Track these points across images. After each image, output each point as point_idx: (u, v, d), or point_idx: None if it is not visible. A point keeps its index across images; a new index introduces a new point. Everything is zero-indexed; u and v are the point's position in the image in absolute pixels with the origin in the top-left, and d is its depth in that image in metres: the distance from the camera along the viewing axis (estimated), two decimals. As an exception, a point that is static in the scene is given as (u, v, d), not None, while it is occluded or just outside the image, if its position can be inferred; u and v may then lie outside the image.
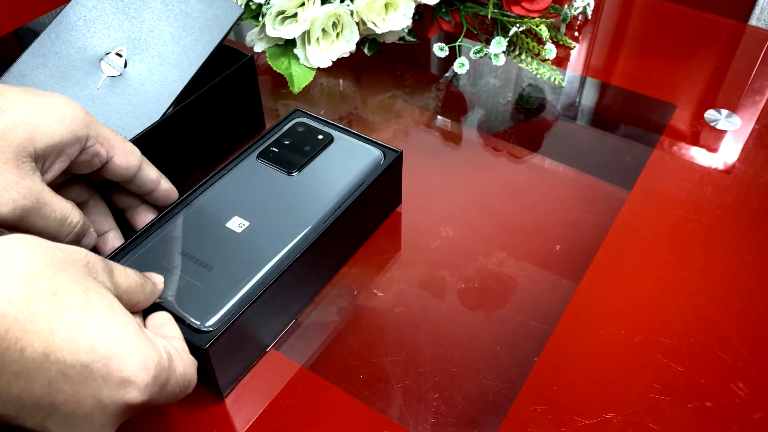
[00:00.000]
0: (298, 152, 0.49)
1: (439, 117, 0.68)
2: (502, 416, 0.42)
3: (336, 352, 0.45)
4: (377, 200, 0.50)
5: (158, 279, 0.38)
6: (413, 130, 0.66)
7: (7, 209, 0.34)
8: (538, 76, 0.68)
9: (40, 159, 0.36)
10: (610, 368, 0.44)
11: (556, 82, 0.66)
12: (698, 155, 0.62)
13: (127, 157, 0.42)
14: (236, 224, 0.44)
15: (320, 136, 0.51)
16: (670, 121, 0.66)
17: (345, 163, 0.48)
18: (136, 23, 0.54)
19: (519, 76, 0.74)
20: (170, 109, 0.53)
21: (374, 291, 0.49)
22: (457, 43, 0.70)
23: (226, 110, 0.58)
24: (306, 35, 0.66)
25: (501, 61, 0.67)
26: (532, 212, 0.56)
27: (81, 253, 0.30)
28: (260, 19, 0.66)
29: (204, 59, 0.56)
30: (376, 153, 0.50)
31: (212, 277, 0.40)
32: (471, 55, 0.69)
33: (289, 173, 0.48)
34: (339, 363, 0.44)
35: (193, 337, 0.37)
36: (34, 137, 0.36)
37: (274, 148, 0.50)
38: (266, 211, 0.45)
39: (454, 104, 0.70)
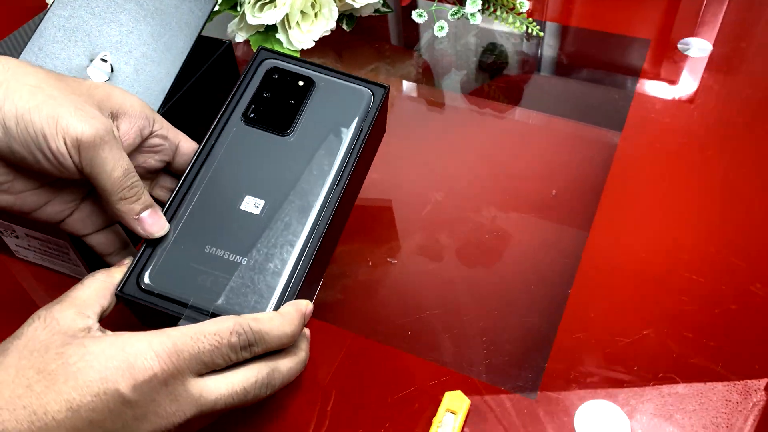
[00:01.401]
0: (283, 106, 0.45)
1: (422, 84, 0.70)
2: (548, 348, 0.44)
3: (378, 316, 0.47)
4: (374, 140, 0.47)
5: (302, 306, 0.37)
6: (398, 100, 0.68)
7: (90, 131, 0.34)
8: (515, 30, 0.70)
9: (115, 119, 0.37)
10: (639, 290, 0.47)
11: (534, 32, 0.68)
12: (679, 84, 0.65)
13: (190, 143, 0.42)
14: (252, 205, 0.41)
15: (300, 83, 0.46)
16: (647, 55, 0.69)
17: (337, 110, 0.45)
18: (114, 27, 0.54)
19: (494, 34, 0.76)
20: (160, 108, 0.53)
21: (388, 259, 0.51)
22: (433, 8, 0.71)
23: (211, 101, 0.58)
24: (286, 19, 0.66)
25: (478, 19, 0.69)
26: (533, 163, 0.59)
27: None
28: (238, 8, 0.67)
29: (187, 53, 0.56)
30: (365, 93, 0.46)
31: (250, 269, 0.39)
32: (449, 17, 0.70)
33: (283, 134, 0.44)
34: (384, 325, 0.46)
35: None
36: (111, 97, 0.37)
37: (255, 106, 0.45)
38: (276, 183, 0.42)
39: (436, 69, 0.72)
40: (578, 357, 0.44)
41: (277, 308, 0.37)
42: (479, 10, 0.69)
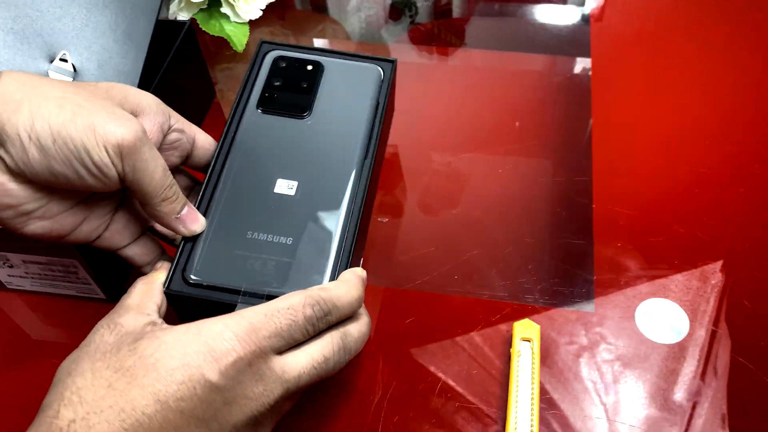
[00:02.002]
0: (297, 91, 0.45)
1: (373, 42, 0.69)
2: (591, 261, 0.46)
3: (419, 267, 0.47)
4: (389, 112, 0.48)
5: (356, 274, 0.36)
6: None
7: (130, 134, 0.31)
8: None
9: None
10: (654, 191, 0.50)
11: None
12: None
13: (206, 136, 0.40)
14: (285, 187, 0.41)
15: (309, 67, 0.46)
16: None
17: (350, 89, 0.46)
18: (67, 22, 0.49)
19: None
20: None
21: (378, 219, 0.51)
22: (373, -42, 0.70)
23: (181, 86, 0.55)
24: (230, -10, 0.63)
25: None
26: (516, 102, 0.60)
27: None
28: (176, -14, 0.62)
29: (149, 39, 0.52)
30: (375, 69, 0.47)
31: (297, 248, 0.38)
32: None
33: (302, 117, 0.44)
34: (429, 274, 0.46)
35: None
36: (129, 96, 0.35)
37: (269, 95, 0.45)
38: (304, 164, 0.42)
39: (378, 23, 0.71)
40: (620, 263, 0.46)
41: (331, 281, 0.36)
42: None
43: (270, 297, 0.35)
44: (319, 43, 0.70)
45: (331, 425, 0.39)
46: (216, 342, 0.30)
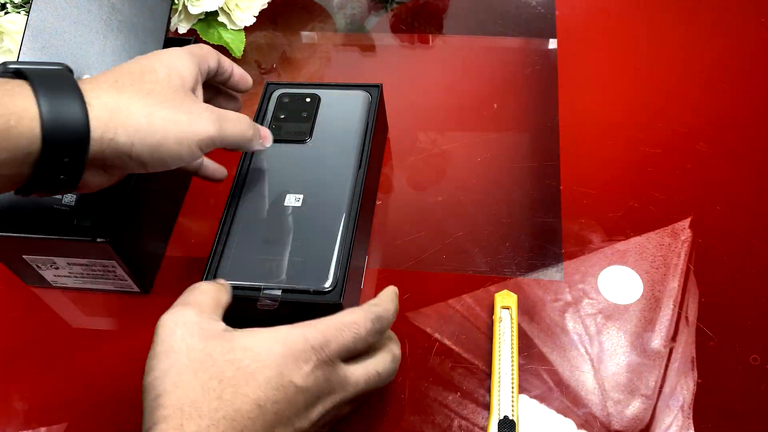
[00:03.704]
0: (298, 120, 0.53)
1: (356, 33, 0.75)
2: (560, 237, 0.53)
3: (411, 249, 0.54)
4: (380, 131, 0.56)
5: None
6: (333, 53, 0.73)
7: (213, 127, 0.39)
8: (434, -34, 0.75)
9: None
10: (613, 172, 0.57)
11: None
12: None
13: (240, 69, 0.48)
14: (293, 200, 0.48)
15: (308, 99, 0.54)
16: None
17: (344, 113, 0.53)
18: (87, 48, 0.55)
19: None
20: None
21: (407, 195, 0.58)
22: (354, -39, 0.75)
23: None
24: (226, 3, 0.68)
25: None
26: (491, 88, 0.66)
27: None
28: (176, 1, 0.68)
29: (158, 56, 0.58)
30: (363, 94, 0.55)
31: (306, 247, 0.45)
32: (373, -33, 0.74)
33: (304, 141, 0.52)
34: (420, 256, 0.53)
35: (323, 299, 0.43)
36: (184, 74, 0.40)
37: (276, 126, 0.53)
38: (309, 179, 0.49)
39: (368, 15, 0.77)
40: (585, 237, 0.53)
41: (336, 275, 0.44)
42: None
43: (284, 290, 0.43)
44: (309, 36, 0.75)
45: (346, 388, 0.47)
46: (300, 352, 0.35)
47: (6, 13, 0.68)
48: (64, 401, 0.48)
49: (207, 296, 0.38)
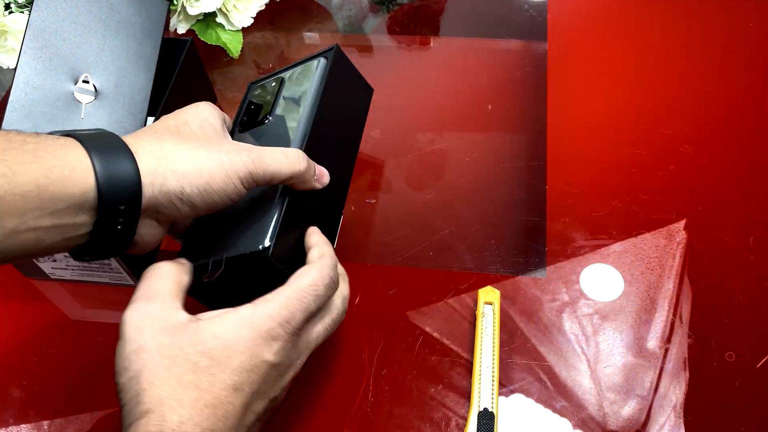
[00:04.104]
0: (265, 104, 0.52)
1: (355, 34, 0.76)
2: (544, 235, 0.54)
3: (399, 246, 0.55)
4: (344, 95, 0.52)
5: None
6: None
7: (251, 159, 0.39)
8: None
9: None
10: (599, 172, 0.58)
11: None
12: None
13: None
14: None
15: (273, 83, 0.53)
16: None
17: (302, 85, 0.51)
18: (86, 48, 0.56)
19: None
20: (149, 114, 0.57)
21: (367, 200, 0.59)
22: (351, -36, 0.77)
23: (187, 93, 0.62)
24: (224, 4, 0.70)
25: (394, -33, 0.75)
26: (474, 89, 0.68)
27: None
28: (175, 2, 0.69)
29: (156, 57, 0.60)
30: (319, 60, 0.51)
31: (251, 216, 0.43)
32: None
33: (264, 122, 0.50)
34: (408, 252, 0.55)
35: (258, 258, 0.41)
36: (209, 121, 0.43)
37: (246, 117, 0.52)
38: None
39: (366, 17, 0.78)
40: (568, 236, 0.54)
41: (273, 234, 0.41)
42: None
43: (228, 259, 0.41)
44: (307, 37, 0.77)
45: (328, 382, 0.48)
46: (267, 331, 0.35)
47: (10, 12, 0.70)
48: (62, 392, 0.50)
49: (168, 281, 0.38)
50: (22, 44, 0.54)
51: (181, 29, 0.71)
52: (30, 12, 0.54)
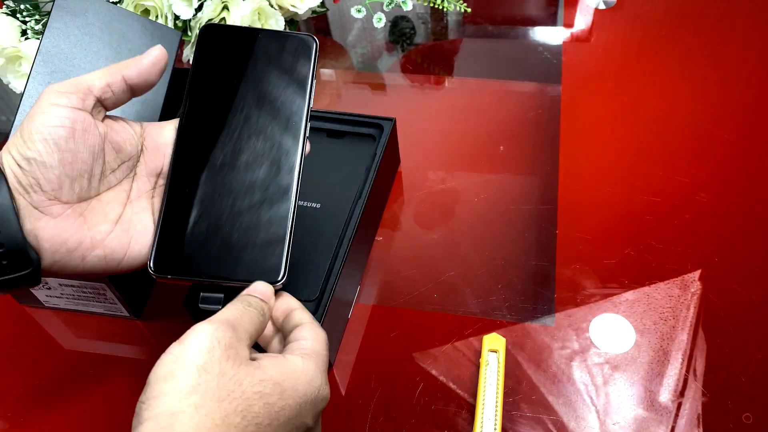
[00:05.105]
0: None
1: (368, 71, 0.76)
2: (553, 282, 0.53)
3: (402, 286, 0.53)
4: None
5: None
6: (344, 90, 0.74)
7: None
8: (444, 9, 0.77)
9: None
10: (611, 219, 0.56)
11: (462, 9, 0.76)
12: (598, 33, 0.74)
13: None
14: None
15: None
16: (564, 12, 0.77)
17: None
18: (94, 72, 0.56)
19: (419, 16, 0.83)
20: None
21: (377, 238, 0.58)
22: (366, 1, 0.77)
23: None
24: (238, 35, 0.70)
25: (409, 6, 0.75)
26: (486, 130, 0.67)
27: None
28: (188, 33, 0.70)
29: (165, 88, 0.59)
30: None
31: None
32: (384, 8, 0.76)
33: None
34: (411, 293, 0.53)
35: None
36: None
37: None
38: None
39: (377, 55, 0.78)
40: (578, 283, 0.52)
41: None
42: (410, -2, 0.75)
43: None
44: (321, 73, 0.77)
45: (324, 427, 0.46)
46: (314, 393, 0.34)
47: (26, 39, 0.70)
48: (51, 422, 0.48)
49: (252, 322, 0.35)
50: (31, 69, 0.53)
51: (194, 60, 0.71)
52: (42, 37, 0.54)
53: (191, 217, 0.39)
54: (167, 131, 0.42)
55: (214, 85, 0.42)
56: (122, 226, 0.39)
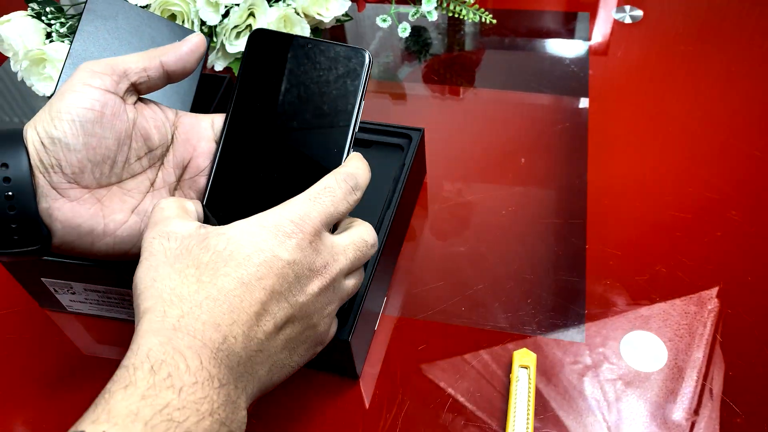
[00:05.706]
0: None
1: (389, 81, 0.76)
2: (583, 297, 0.52)
3: (429, 299, 0.53)
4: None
5: None
6: (366, 100, 0.73)
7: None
8: (469, 20, 0.77)
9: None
10: (641, 235, 0.56)
11: (487, 20, 0.75)
12: (624, 47, 0.74)
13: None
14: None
15: None
16: (590, 26, 0.77)
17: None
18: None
19: (440, 27, 0.82)
20: None
21: (429, 244, 0.57)
22: (391, 11, 0.76)
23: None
24: (263, 42, 0.70)
25: (434, 16, 0.75)
26: (512, 142, 0.66)
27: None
28: (214, 39, 0.69)
29: (193, 93, 0.59)
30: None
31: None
32: (410, 17, 0.76)
33: None
34: (439, 306, 0.52)
35: None
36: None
37: None
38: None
39: (402, 65, 0.78)
40: (608, 299, 0.51)
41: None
42: (435, 8, 0.75)
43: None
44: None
45: (353, 438, 0.45)
46: (279, 229, 0.33)
47: (51, 41, 0.70)
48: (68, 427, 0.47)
49: (175, 208, 0.36)
50: (60, 72, 0.53)
51: (219, 66, 0.71)
52: (72, 41, 0.54)
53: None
54: (203, 124, 0.41)
55: (262, 89, 0.41)
56: (138, 216, 0.39)
